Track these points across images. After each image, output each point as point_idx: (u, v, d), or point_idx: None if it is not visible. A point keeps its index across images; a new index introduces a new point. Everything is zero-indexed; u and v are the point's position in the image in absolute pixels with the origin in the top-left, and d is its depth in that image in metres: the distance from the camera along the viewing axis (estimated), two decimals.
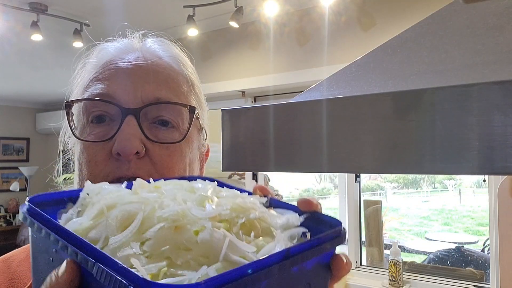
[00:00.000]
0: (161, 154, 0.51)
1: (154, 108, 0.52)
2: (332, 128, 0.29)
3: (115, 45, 0.59)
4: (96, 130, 0.52)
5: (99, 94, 0.52)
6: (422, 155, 0.25)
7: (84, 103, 0.53)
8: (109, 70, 0.54)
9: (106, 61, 0.56)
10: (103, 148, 0.50)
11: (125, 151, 0.48)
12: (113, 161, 0.49)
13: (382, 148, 0.26)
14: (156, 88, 0.53)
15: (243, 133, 0.34)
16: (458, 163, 0.24)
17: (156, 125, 0.52)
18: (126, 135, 0.48)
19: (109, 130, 0.51)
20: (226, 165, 0.35)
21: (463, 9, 0.35)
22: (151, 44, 0.60)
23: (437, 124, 0.24)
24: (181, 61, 0.60)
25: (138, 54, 0.56)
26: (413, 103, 0.25)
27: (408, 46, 0.35)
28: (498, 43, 0.29)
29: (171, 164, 0.52)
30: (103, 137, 0.51)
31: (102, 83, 0.52)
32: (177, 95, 0.54)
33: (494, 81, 0.23)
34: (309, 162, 0.30)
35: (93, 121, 0.53)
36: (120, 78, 0.52)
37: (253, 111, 0.34)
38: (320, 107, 0.29)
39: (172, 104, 0.53)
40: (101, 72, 0.54)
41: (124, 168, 0.49)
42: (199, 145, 0.59)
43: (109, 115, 0.52)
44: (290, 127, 0.31)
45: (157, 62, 0.56)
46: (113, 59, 0.55)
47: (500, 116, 0.22)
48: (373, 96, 0.27)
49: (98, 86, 0.52)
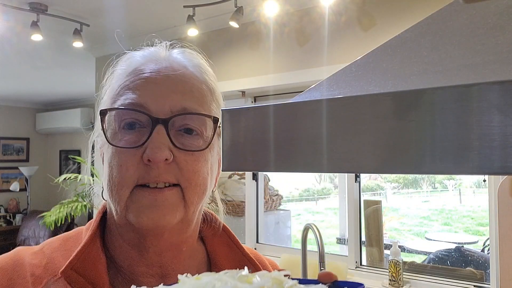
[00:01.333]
0: (187, 160, 0.55)
1: (180, 117, 0.56)
2: (332, 128, 0.29)
3: (142, 53, 0.63)
4: (127, 136, 0.56)
5: (131, 104, 0.55)
6: (422, 155, 0.25)
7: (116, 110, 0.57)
8: (139, 80, 0.57)
9: (134, 68, 0.59)
10: (134, 154, 0.54)
11: (155, 158, 0.52)
12: (143, 166, 0.54)
13: (382, 148, 0.26)
14: (183, 99, 0.57)
15: (243, 133, 0.34)
16: (458, 163, 0.24)
17: (182, 132, 0.57)
18: (156, 144, 0.53)
19: (140, 137, 0.55)
20: (226, 165, 0.35)
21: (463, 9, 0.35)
22: (177, 54, 0.63)
23: (437, 124, 0.24)
24: (205, 70, 0.63)
25: (165, 63, 0.60)
26: (413, 103, 0.25)
27: (408, 46, 0.35)
28: (498, 43, 0.29)
29: (196, 169, 0.56)
30: (134, 143, 0.55)
31: (133, 92, 0.56)
32: (201, 104, 0.59)
33: (494, 81, 0.23)
34: (309, 162, 0.30)
35: (124, 127, 0.56)
36: (150, 88, 0.56)
37: (253, 111, 0.34)
38: (320, 107, 0.29)
39: (197, 114, 0.57)
40: (131, 80, 0.58)
41: (153, 173, 0.53)
42: (218, 149, 0.63)
43: (139, 122, 0.56)
44: (290, 127, 0.31)
45: (184, 72, 0.60)
46: (141, 67, 0.59)
47: (500, 116, 0.22)
48: (373, 96, 0.27)
49: (130, 96, 0.56)
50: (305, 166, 0.30)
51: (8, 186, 6.16)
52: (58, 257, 0.57)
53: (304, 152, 0.30)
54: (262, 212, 2.87)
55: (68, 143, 6.36)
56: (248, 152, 0.34)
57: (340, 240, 3.56)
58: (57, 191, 4.87)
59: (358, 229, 2.44)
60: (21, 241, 5.50)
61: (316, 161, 0.30)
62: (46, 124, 6.28)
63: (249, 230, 2.78)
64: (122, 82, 0.58)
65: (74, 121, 5.70)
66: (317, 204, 10.05)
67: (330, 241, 4.85)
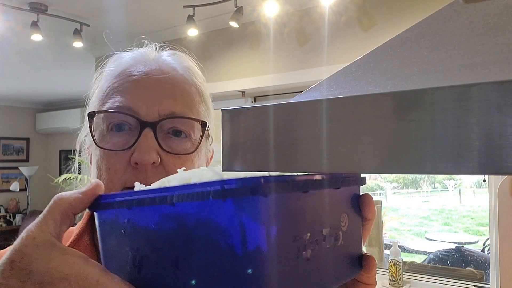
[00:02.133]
0: (174, 163, 0.56)
1: (169, 120, 0.57)
2: (332, 128, 0.29)
3: (131, 55, 0.63)
4: (115, 138, 0.56)
5: (120, 107, 0.56)
6: (422, 155, 0.25)
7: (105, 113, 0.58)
8: (128, 82, 0.58)
9: (122, 70, 0.60)
10: (122, 156, 0.55)
11: (143, 161, 0.53)
12: (131, 169, 0.55)
13: (382, 148, 0.26)
14: (172, 103, 0.57)
15: (243, 133, 0.34)
16: (458, 163, 0.24)
17: (170, 135, 0.58)
18: (144, 148, 0.54)
19: (128, 139, 0.56)
20: (226, 165, 0.35)
21: (463, 9, 0.35)
22: (166, 56, 0.64)
23: (437, 124, 0.24)
24: (194, 72, 0.64)
25: (154, 65, 0.60)
26: (413, 103, 0.25)
27: (408, 46, 0.35)
28: (498, 43, 0.29)
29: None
30: (122, 146, 0.55)
31: (122, 95, 0.57)
32: (190, 108, 0.60)
33: (494, 81, 0.23)
34: (309, 162, 0.30)
35: (112, 129, 0.57)
36: (139, 92, 0.57)
37: (253, 111, 0.34)
38: (320, 107, 0.29)
39: (186, 118, 0.58)
40: (120, 83, 0.58)
41: (141, 176, 0.54)
42: (206, 151, 0.65)
43: (128, 124, 0.56)
44: (290, 127, 0.31)
45: (173, 75, 0.60)
46: (130, 68, 0.59)
47: (500, 116, 0.22)
48: (373, 96, 0.27)
49: (119, 99, 0.57)
50: (305, 166, 0.30)
51: (8, 186, 6.16)
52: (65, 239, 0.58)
53: (304, 152, 0.30)
54: None
55: (68, 143, 6.35)
56: (248, 152, 0.34)
57: None
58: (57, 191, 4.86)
59: None
60: None
61: (316, 161, 0.30)
62: (46, 124, 6.28)
63: None
64: (110, 84, 0.59)
65: (74, 121, 5.69)
66: None
67: None
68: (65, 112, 5.94)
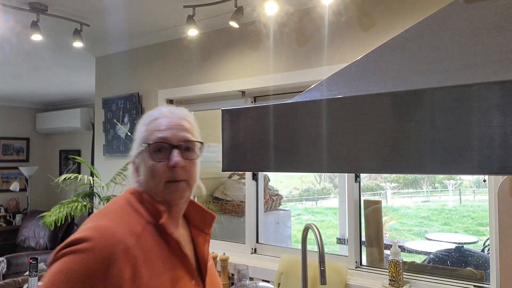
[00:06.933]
0: (190, 166, 1.03)
1: (185, 143, 1.03)
2: (332, 128, 0.29)
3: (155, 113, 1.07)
4: (159, 156, 1.01)
5: (160, 138, 1.02)
6: (422, 155, 0.25)
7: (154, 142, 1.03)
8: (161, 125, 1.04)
9: (152, 119, 1.06)
10: (163, 165, 1.01)
11: (177, 164, 0.99)
12: (168, 171, 1.00)
13: (382, 148, 0.26)
14: (185, 133, 1.04)
15: (243, 133, 0.34)
16: (458, 163, 0.24)
17: (185, 150, 1.03)
18: (176, 158, 1.00)
19: (166, 155, 1.01)
20: (226, 165, 0.35)
21: (463, 9, 0.35)
22: (174, 110, 1.08)
23: (437, 124, 0.24)
24: (189, 115, 1.10)
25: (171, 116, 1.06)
26: (413, 103, 0.25)
27: (408, 46, 0.35)
28: (498, 43, 0.29)
29: (194, 171, 1.05)
30: (163, 159, 1.01)
31: (160, 132, 1.03)
32: (193, 135, 1.06)
33: (494, 81, 0.23)
34: (309, 162, 0.30)
35: (155, 151, 1.02)
36: (167, 130, 1.03)
37: (253, 111, 0.34)
38: (320, 107, 0.29)
39: (193, 141, 1.05)
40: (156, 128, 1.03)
41: (175, 174, 1.00)
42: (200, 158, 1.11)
43: (164, 147, 1.02)
44: (290, 127, 0.31)
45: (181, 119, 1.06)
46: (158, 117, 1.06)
47: (500, 116, 0.22)
48: (373, 96, 0.27)
49: (158, 136, 1.02)
50: (305, 166, 0.30)
51: (8, 186, 6.16)
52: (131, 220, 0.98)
53: (304, 152, 0.30)
54: (262, 212, 2.87)
55: (68, 143, 6.36)
56: (248, 152, 0.34)
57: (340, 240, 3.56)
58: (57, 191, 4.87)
59: (358, 229, 2.44)
60: (21, 241, 5.50)
61: (316, 161, 0.30)
62: (46, 124, 6.28)
63: (249, 230, 2.78)
64: (150, 127, 1.04)
65: (74, 121, 5.69)
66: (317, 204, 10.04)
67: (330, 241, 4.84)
68: (65, 112, 5.94)
